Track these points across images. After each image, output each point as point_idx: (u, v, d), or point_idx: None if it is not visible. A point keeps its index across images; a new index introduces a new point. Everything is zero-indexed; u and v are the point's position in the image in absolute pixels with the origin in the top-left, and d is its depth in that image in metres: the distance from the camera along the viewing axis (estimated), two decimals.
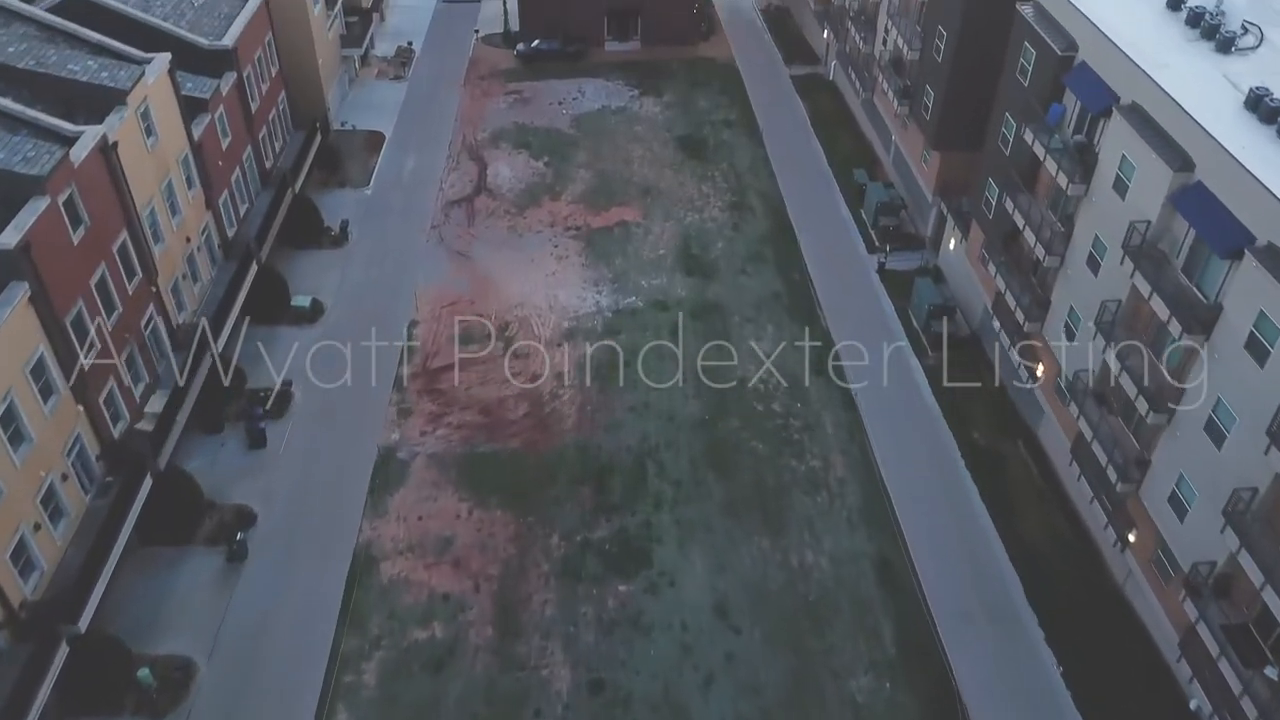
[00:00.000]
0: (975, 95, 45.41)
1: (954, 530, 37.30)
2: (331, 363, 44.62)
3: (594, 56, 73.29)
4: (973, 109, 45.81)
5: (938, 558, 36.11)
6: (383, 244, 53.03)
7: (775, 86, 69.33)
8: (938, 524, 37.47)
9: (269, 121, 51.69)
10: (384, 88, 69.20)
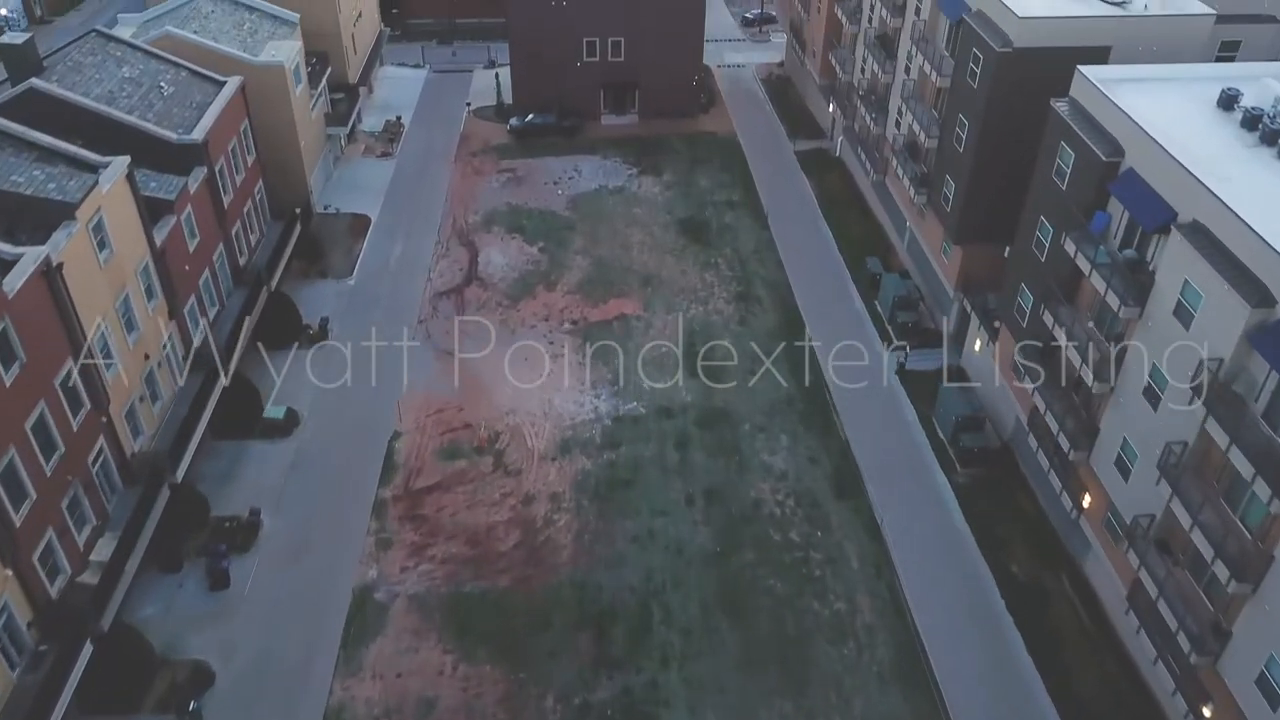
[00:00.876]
0: (1002, 188, 42.37)
1: (997, 686, 33.28)
2: (306, 483, 40.87)
3: (590, 131, 70.53)
4: (999, 202, 42.74)
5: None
6: (365, 339, 49.33)
7: (779, 163, 66.48)
8: (978, 678, 33.46)
9: (244, 215, 48.40)
10: (371, 166, 66.19)
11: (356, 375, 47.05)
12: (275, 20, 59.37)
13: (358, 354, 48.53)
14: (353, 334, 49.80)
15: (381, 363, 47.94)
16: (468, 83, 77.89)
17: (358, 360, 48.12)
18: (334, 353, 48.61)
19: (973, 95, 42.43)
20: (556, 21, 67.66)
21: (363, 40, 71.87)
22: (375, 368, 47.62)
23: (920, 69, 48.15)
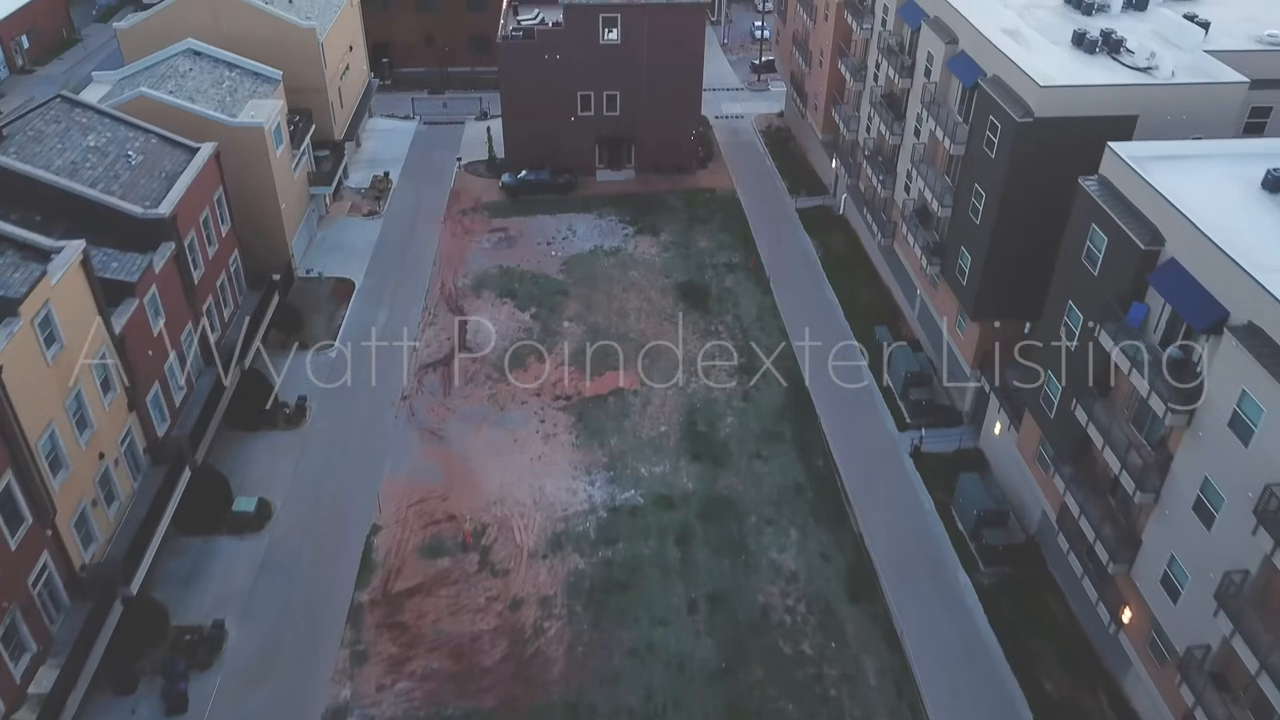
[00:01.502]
0: (1024, 264, 39.81)
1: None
2: (276, 586, 37.75)
3: (585, 188, 68.11)
4: (1020, 278, 40.16)
5: None
6: (345, 421, 46.50)
7: (781, 222, 64.02)
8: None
9: (216, 289, 45.63)
10: (357, 226, 63.61)
11: (335, 458, 44.12)
12: (257, 78, 57.08)
13: (336, 435, 45.63)
14: (333, 414, 46.87)
15: (362, 445, 45.00)
16: (459, 135, 75.62)
17: (336, 441, 45.22)
18: (311, 434, 45.67)
19: (990, 165, 39.94)
20: (549, 75, 65.50)
21: (350, 93, 69.70)
22: (355, 450, 44.67)
23: (931, 132, 45.77)
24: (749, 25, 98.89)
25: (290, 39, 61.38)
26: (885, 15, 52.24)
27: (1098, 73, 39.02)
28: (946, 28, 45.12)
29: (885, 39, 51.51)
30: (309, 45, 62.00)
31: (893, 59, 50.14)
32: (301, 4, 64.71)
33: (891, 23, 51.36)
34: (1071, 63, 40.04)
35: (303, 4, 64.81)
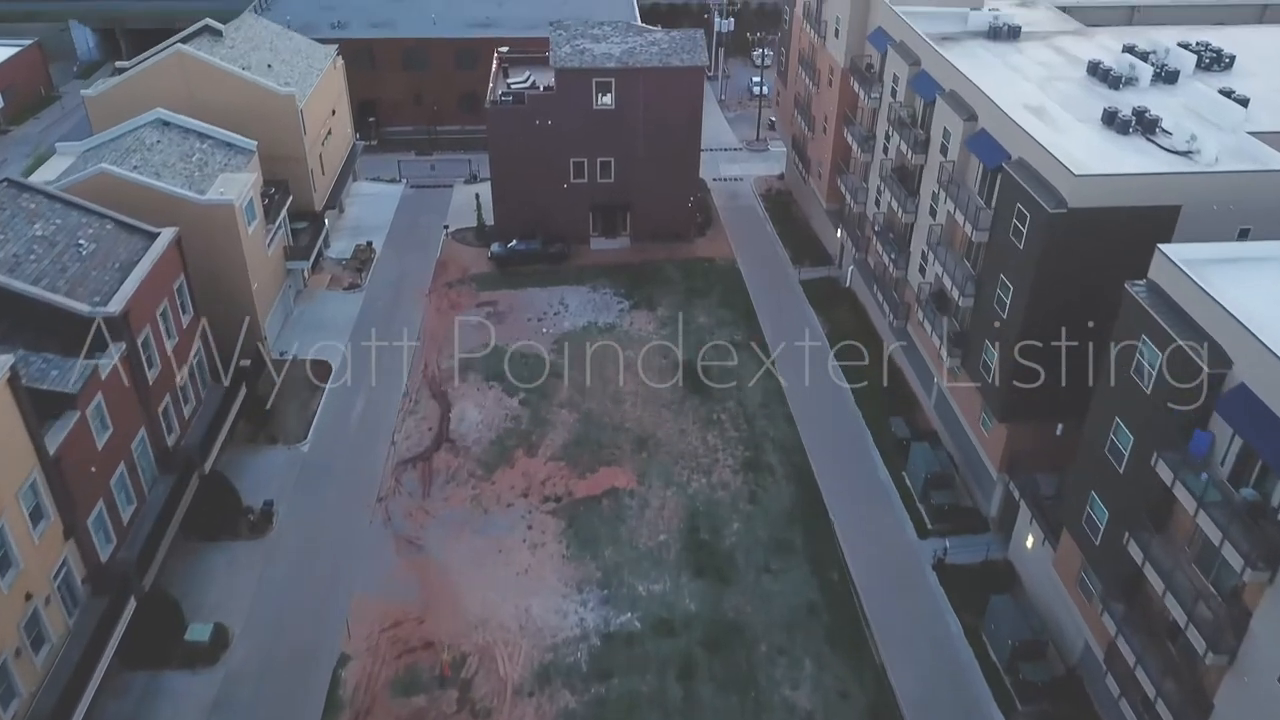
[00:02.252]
0: (1058, 363, 36.33)
1: None
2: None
3: (578, 257, 64.82)
4: (1054, 377, 36.66)
5: None
6: (315, 528, 42.62)
7: (784, 295, 60.66)
8: None
9: (176, 387, 41.92)
10: (336, 301, 60.11)
11: (302, 572, 40.20)
12: (229, 149, 53.86)
13: (304, 544, 41.73)
14: (302, 519, 43.00)
15: (332, 556, 41.09)
16: (447, 199, 72.52)
17: (304, 552, 41.31)
18: (277, 544, 41.75)
19: (1018, 257, 36.60)
20: (540, 142, 62.50)
21: (332, 159, 66.65)
22: (324, 563, 40.74)
23: (949, 214, 42.54)
24: (747, 81, 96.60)
25: (268, 106, 58.44)
26: (895, 85, 49.32)
27: (1134, 157, 35.89)
28: (964, 103, 42.10)
29: (896, 110, 48.54)
30: (287, 113, 59.04)
31: (904, 132, 47.10)
32: (281, 69, 61.91)
33: (902, 94, 48.41)
34: (1104, 145, 36.94)
35: (282, 69, 62.01)
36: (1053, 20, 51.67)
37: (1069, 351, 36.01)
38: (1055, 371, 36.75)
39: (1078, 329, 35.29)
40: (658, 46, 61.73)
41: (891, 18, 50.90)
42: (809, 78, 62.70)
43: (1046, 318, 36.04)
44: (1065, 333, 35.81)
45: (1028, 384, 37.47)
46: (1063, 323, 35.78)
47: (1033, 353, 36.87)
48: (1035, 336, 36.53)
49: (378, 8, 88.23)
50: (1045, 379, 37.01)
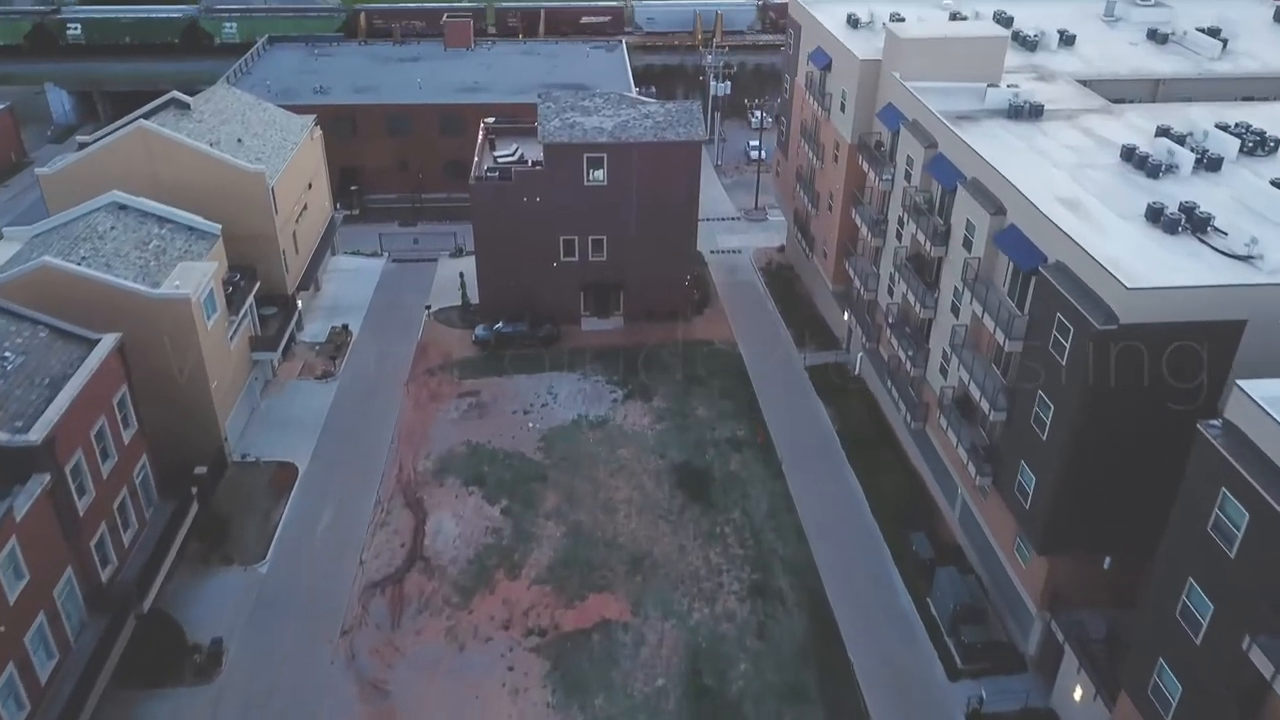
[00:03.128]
0: (1109, 492, 32.12)
1: None
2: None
3: (569, 338, 60.70)
4: (1103, 507, 32.40)
5: None
6: (270, 669, 37.87)
7: (789, 383, 56.49)
8: None
9: (113, 514, 37.41)
10: (308, 392, 55.76)
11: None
12: (191, 234, 49.96)
13: (257, 689, 36.99)
14: (255, 658, 38.30)
15: (287, 704, 36.30)
16: (430, 275, 68.55)
17: (256, 700, 36.59)
18: (226, 689, 36.93)
19: (1059, 373, 32.50)
20: (528, 219, 58.72)
21: (308, 235, 62.78)
22: (277, 713, 35.88)
23: (975, 315, 38.53)
24: (743, 144, 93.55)
25: (236, 184, 54.70)
26: (909, 168, 45.65)
27: (1189, 264, 31.97)
28: (990, 194, 38.31)
29: (911, 195, 44.78)
30: (257, 191, 55.26)
31: (921, 220, 43.31)
32: (252, 143, 58.24)
33: (918, 177, 44.72)
34: (1152, 248, 33.05)
35: (254, 143, 58.34)
36: (1075, 96, 48.22)
37: (1120, 480, 31.82)
38: (1104, 503, 32.54)
39: (1131, 456, 31.25)
40: (652, 119, 58.26)
41: (903, 94, 47.43)
42: (812, 151, 59.20)
43: (1095, 444, 31.87)
44: (1116, 460, 31.65)
45: (1072, 514, 33.14)
46: (1114, 449, 31.66)
47: (1078, 481, 32.60)
48: (1081, 464, 32.32)
49: (362, 73, 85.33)
50: (1092, 510, 32.73)
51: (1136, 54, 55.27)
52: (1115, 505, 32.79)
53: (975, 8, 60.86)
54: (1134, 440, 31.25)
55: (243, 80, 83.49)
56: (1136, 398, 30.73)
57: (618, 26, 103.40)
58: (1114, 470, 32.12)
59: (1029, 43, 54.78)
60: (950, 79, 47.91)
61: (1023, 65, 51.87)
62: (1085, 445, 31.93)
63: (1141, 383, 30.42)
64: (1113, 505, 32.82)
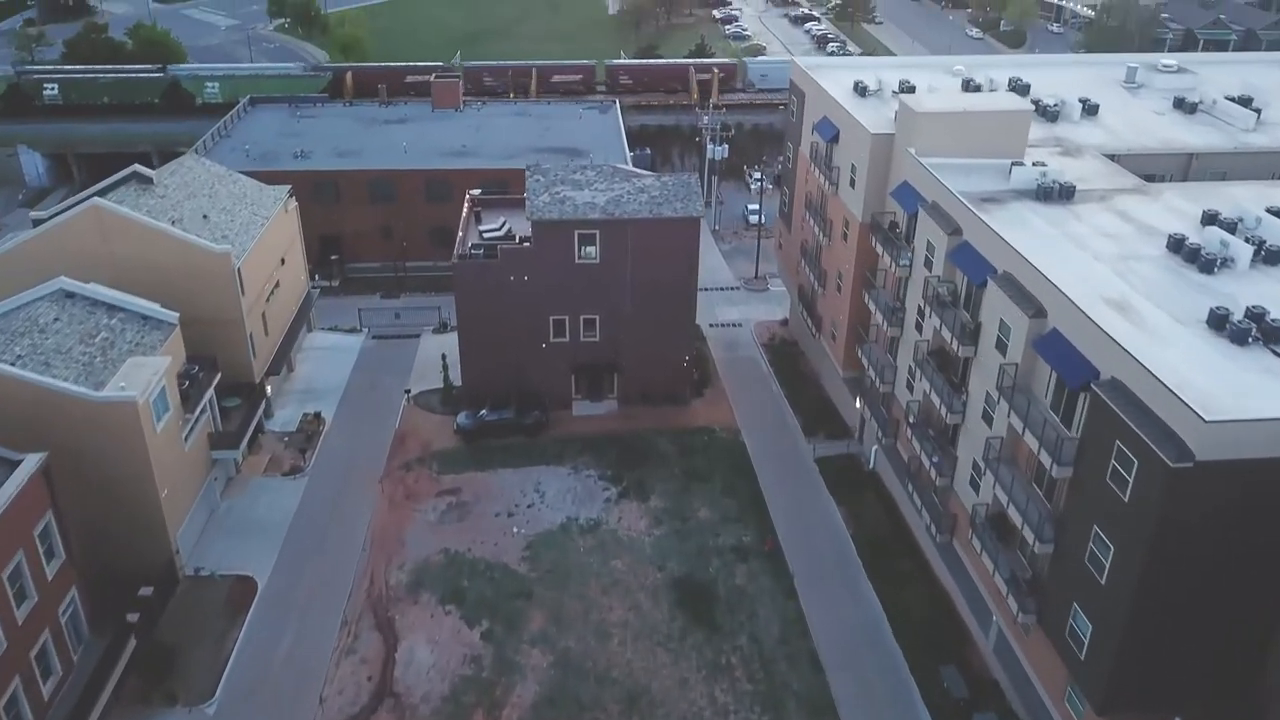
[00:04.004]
0: (1179, 644, 27.57)
1: None
2: None
3: (559, 424, 56.28)
4: (1171, 661, 27.85)
5: None
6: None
7: (797, 478, 52.03)
8: None
9: (31, 661, 32.55)
10: (273, 491, 51.12)
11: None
12: (144, 323, 45.73)
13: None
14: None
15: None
16: (412, 353, 64.29)
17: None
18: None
19: (1122, 510, 28.14)
20: (516, 298, 54.68)
21: (280, 315, 58.61)
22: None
23: (1013, 428, 34.23)
24: (741, 207, 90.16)
25: (199, 265, 50.75)
26: (930, 255, 41.67)
27: (1268, 383, 27.81)
28: (1026, 294, 34.23)
29: (933, 285, 40.73)
30: (222, 273, 51.26)
31: (945, 314, 39.22)
32: (220, 219, 54.32)
33: (940, 266, 40.72)
34: (1220, 362, 28.99)
35: (221, 219, 54.41)
36: (1105, 173, 44.53)
37: (1195, 631, 27.33)
38: (1175, 657, 28.00)
39: (1208, 605, 26.78)
40: (647, 194, 54.48)
41: (920, 172, 43.67)
42: (818, 226, 55.34)
43: (1167, 593, 27.43)
44: (1191, 610, 27.20)
45: (1137, 671, 28.56)
46: (1188, 598, 27.20)
47: (1146, 634, 28.08)
48: (1150, 616, 27.83)
49: (345, 135, 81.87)
50: (1161, 665, 28.17)
51: (1164, 125, 51.79)
52: (1188, 659, 28.31)
53: (987, 73, 57.59)
54: (1213, 587, 26.86)
55: (221, 143, 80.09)
56: (1215, 541, 26.42)
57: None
58: (1188, 621, 27.70)
59: (1049, 113, 51.29)
60: (970, 155, 44.16)
61: (1045, 138, 48.30)
62: (1155, 595, 27.48)
63: (1222, 526, 26.08)
64: (1185, 660, 28.33)
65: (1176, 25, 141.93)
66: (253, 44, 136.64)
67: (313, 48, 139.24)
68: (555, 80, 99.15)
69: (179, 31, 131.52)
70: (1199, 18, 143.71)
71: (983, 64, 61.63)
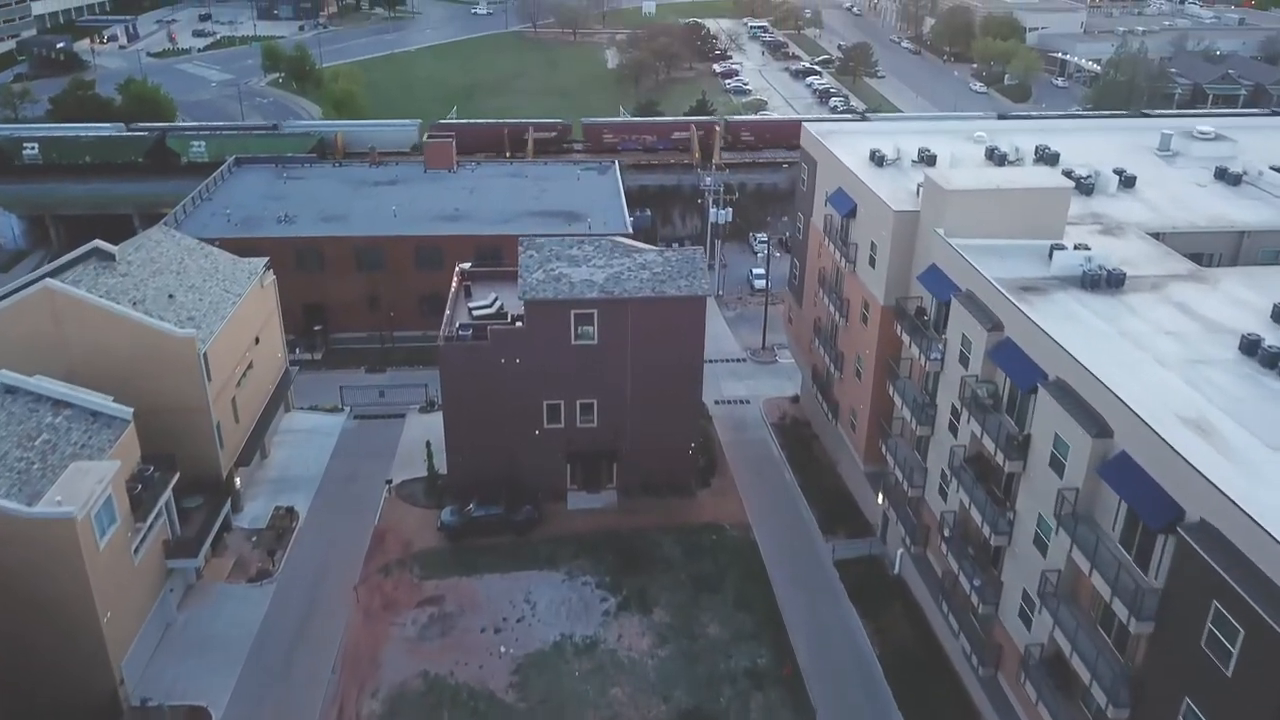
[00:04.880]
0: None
1: None
2: None
3: (552, 520, 51.59)
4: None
5: None
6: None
7: (816, 585, 47.28)
8: None
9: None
10: (237, 600, 46.32)
11: None
12: (94, 421, 41.38)
13: None
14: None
15: None
16: (396, 436, 59.83)
17: None
18: None
19: (1224, 686, 23.44)
20: (508, 383, 50.41)
21: (253, 399, 54.19)
22: None
23: (1069, 558, 29.62)
24: (746, 271, 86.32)
25: (161, 351, 46.68)
26: (967, 351, 37.37)
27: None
28: (1084, 405, 29.86)
29: (970, 386, 36.37)
30: (185, 358, 47.07)
31: (986, 420, 34.82)
32: (187, 298, 50.18)
33: (978, 364, 36.41)
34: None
35: (189, 298, 50.28)
36: (1152, 256, 40.46)
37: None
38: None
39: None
40: (649, 271, 50.44)
41: (950, 256, 39.61)
42: (834, 305, 51.19)
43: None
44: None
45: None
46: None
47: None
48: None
49: (333, 198, 78.17)
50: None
51: (1209, 199, 47.91)
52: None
53: (1012, 140, 53.98)
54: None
55: (202, 207, 76.44)
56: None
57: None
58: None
59: (1084, 185, 47.40)
60: (1004, 236, 40.24)
61: (1082, 213, 44.33)
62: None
63: None
64: None
65: (1185, 80, 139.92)
66: (245, 99, 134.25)
67: (307, 103, 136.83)
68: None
69: (171, 86, 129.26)
70: (1206, 73, 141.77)
71: (1004, 129, 58.16)
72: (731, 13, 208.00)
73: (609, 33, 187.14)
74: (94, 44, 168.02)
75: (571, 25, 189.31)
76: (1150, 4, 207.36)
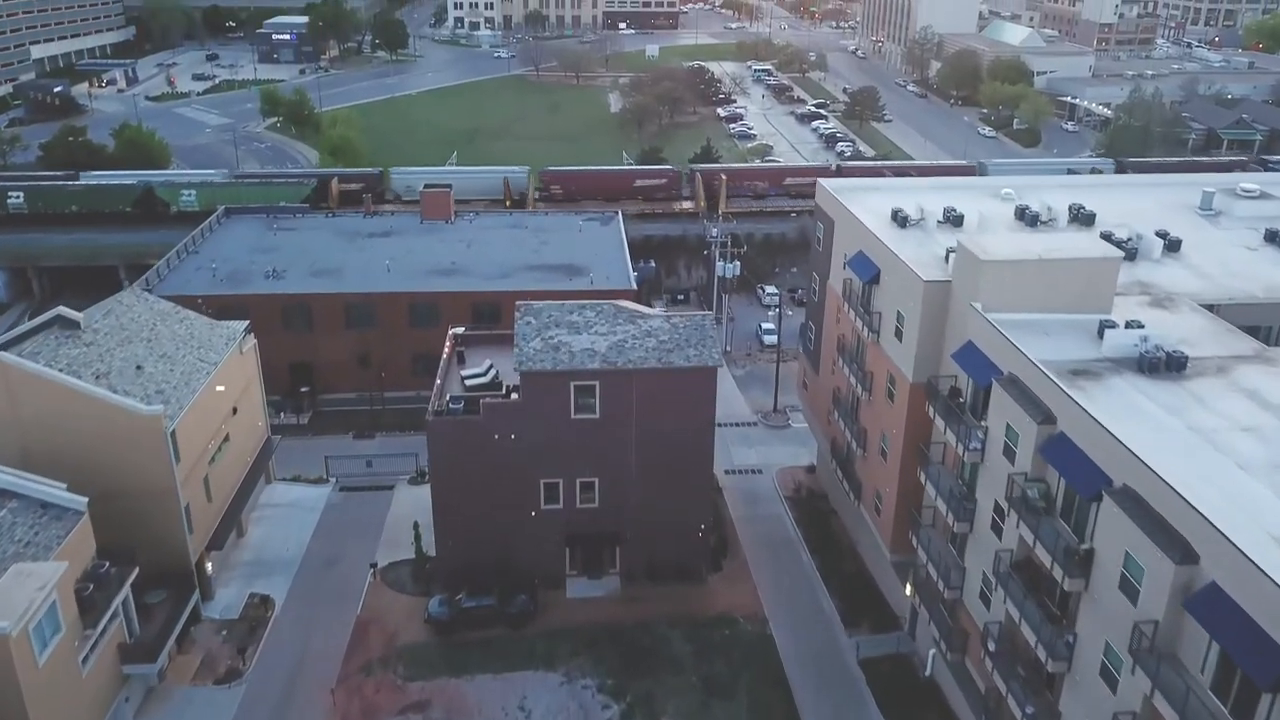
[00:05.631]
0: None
1: None
2: None
3: (549, 611, 47.34)
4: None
5: None
6: None
7: (840, 689, 42.91)
8: None
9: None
10: (201, 705, 42.06)
11: None
12: (43, 513, 37.55)
13: None
14: None
15: None
16: (383, 510, 55.81)
17: None
18: None
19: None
20: (502, 460, 46.49)
21: (227, 476, 50.25)
22: None
23: (1146, 697, 25.40)
24: (755, 325, 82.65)
25: (125, 429, 42.89)
26: (1013, 444, 33.39)
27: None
28: (1164, 526, 25.79)
29: (1018, 484, 32.35)
30: (151, 437, 43.13)
31: (1039, 526, 30.76)
32: (157, 369, 46.46)
33: (1026, 460, 32.40)
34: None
35: (159, 368, 46.56)
36: (1210, 332, 36.68)
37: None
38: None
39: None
40: (655, 339, 46.71)
41: (989, 334, 35.80)
42: (855, 377, 47.35)
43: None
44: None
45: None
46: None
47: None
48: None
49: (324, 251, 74.69)
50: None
51: (1262, 265, 44.34)
52: None
53: (1041, 197, 50.38)
54: None
55: (188, 260, 72.99)
56: None
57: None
58: None
59: (1127, 250, 43.68)
60: (1047, 310, 36.55)
61: (1127, 283, 40.61)
62: None
63: None
64: None
65: (1199, 125, 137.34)
66: (242, 144, 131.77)
67: (304, 147, 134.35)
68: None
69: (167, 131, 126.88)
70: (1220, 118, 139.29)
71: (1032, 186, 54.66)
72: (735, 56, 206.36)
73: (612, 76, 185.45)
74: (92, 88, 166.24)
75: (574, 69, 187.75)
76: (1158, 48, 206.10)
